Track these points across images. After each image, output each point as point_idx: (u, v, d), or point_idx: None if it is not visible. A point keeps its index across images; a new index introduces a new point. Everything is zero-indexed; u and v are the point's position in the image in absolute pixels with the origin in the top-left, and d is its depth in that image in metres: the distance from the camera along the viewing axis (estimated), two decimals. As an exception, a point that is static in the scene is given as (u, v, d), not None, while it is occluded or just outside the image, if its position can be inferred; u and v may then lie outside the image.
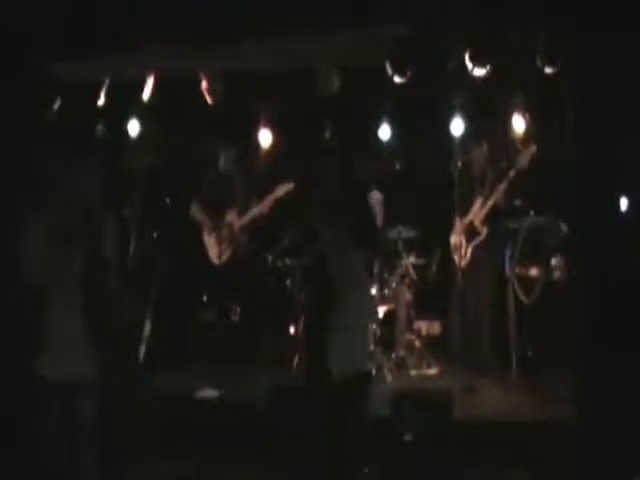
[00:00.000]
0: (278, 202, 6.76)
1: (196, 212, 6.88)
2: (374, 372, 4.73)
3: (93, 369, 3.89)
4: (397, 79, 5.71)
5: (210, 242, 6.82)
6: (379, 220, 6.90)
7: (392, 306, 6.69)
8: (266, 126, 7.11)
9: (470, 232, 6.49)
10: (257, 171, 7.21)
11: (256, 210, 6.76)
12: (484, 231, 6.39)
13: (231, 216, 6.80)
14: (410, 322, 6.73)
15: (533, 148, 6.10)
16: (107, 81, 6.13)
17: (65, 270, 3.85)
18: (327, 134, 7.25)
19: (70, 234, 3.87)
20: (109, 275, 4.05)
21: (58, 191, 4.11)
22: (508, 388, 5.86)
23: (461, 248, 6.47)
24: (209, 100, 6.24)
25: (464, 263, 6.43)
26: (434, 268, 7.03)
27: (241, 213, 6.80)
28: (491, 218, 6.36)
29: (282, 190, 6.69)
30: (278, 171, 7.01)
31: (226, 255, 6.78)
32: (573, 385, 4.70)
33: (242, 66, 5.87)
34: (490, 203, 6.34)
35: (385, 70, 5.68)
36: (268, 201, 6.72)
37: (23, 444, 4.02)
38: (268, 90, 6.31)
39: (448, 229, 6.69)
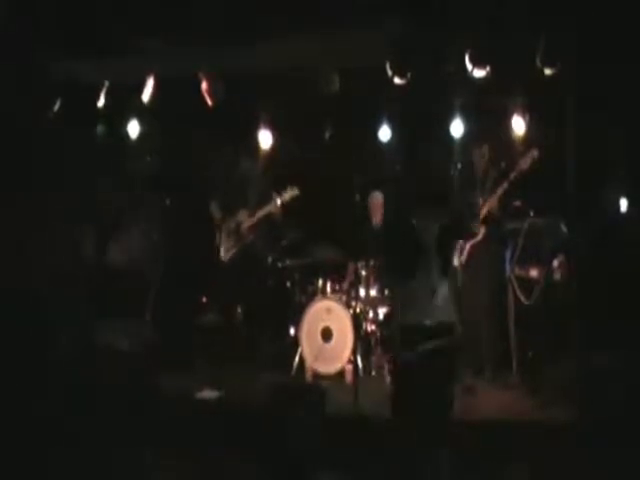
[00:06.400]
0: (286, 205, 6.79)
1: (214, 210, 6.96)
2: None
3: None
4: (397, 80, 5.71)
5: (220, 239, 6.90)
6: (379, 220, 6.93)
7: (392, 307, 6.67)
8: (266, 127, 7.10)
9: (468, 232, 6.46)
10: (265, 172, 7.20)
11: (262, 212, 6.78)
12: (482, 232, 6.36)
13: (241, 216, 6.83)
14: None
15: (535, 152, 6.04)
16: (107, 82, 6.14)
17: None
18: (327, 135, 7.24)
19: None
20: None
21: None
22: (508, 389, 5.86)
23: (458, 248, 6.44)
24: (209, 101, 6.24)
25: (463, 263, 6.41)
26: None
27: (251, 214, 6.83)
28: (491, 219, 6.33)
29: (288, 195, 6.71)
30: (285, 172, 7.02)
31: (231, 253, 6.82)
32: (573, 385, 4.70)
33: (243, 67, 5.89)
34: (490, 204, 6.32)
35: (385, 71, 5.68)
36: (275, 204, 6.73)
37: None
38: (269, 91, 6.31)
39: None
